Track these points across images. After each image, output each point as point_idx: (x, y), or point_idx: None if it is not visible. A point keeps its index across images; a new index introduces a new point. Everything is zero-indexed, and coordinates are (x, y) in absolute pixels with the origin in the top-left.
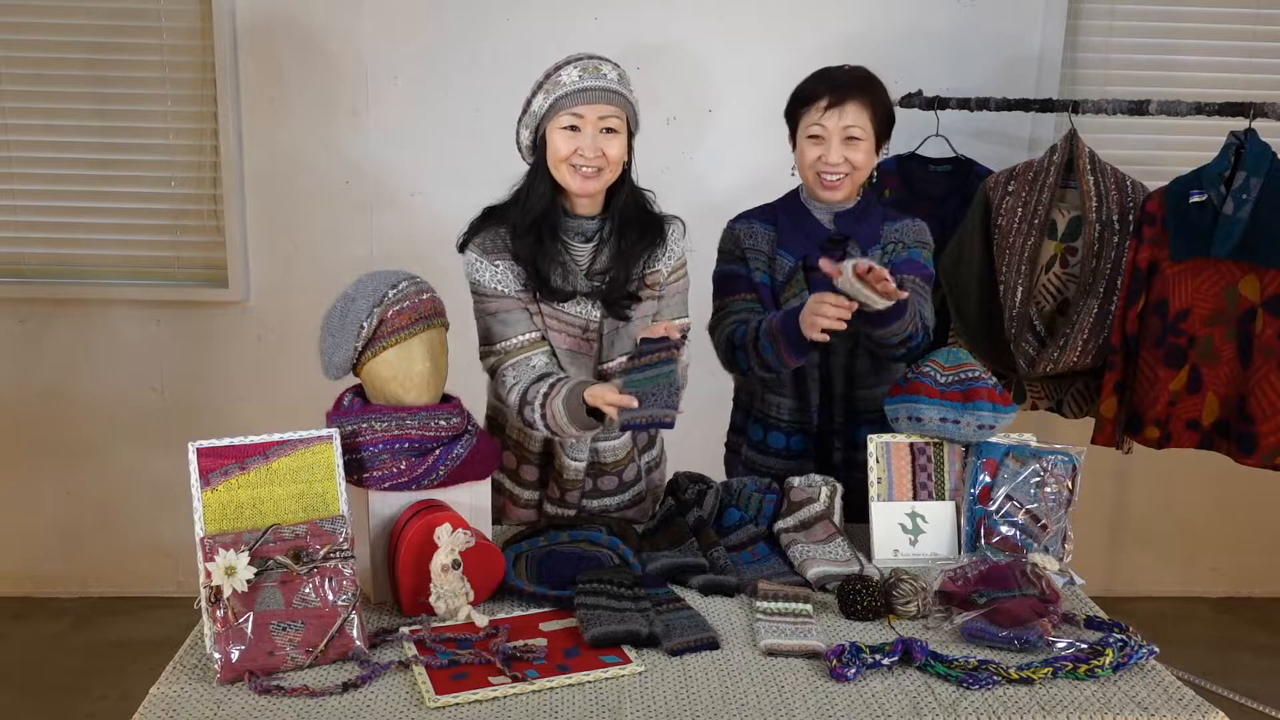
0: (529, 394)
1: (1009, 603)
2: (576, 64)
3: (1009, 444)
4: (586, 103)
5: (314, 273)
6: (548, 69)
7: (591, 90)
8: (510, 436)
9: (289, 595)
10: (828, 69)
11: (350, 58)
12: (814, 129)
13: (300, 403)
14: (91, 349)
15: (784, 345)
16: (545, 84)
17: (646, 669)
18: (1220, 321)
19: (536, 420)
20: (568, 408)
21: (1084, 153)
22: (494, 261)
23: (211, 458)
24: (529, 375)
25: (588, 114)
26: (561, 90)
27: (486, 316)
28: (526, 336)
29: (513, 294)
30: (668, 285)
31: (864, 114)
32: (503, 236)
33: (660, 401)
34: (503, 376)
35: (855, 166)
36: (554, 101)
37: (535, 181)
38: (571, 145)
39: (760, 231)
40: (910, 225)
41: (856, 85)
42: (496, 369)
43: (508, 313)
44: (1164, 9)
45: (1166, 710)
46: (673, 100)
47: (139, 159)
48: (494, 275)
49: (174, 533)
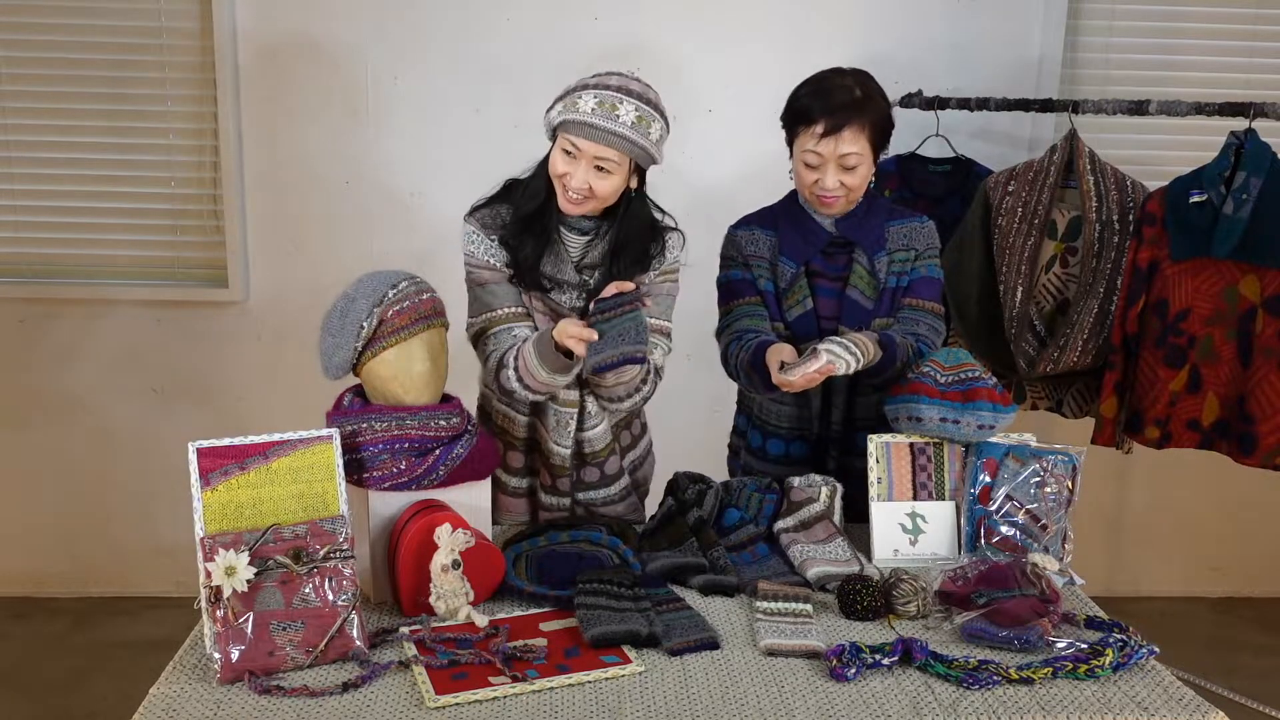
0: (505, 358)
1: (1009, 603)
2: (598, 94)
3: (1009, 444)
4: (587, 139)
5: (314, 273)
6: (578, 81)
7: (596, 130)
8: (495, 422)
9: (289, 595)
10: (826, 80)
11: (351, 58)
12: (809, 155)
13: (300, 403)
14: (91, 349)
15: (759, 381)
16: (566, 98)
17: (646, 669)
18: (1220, 321)
19: (511, 378)
20: (538, 350)
21: (1084, 153)
22: (490, 235)
23: (211, 458)
24: (509, 343)
25: (585, 149)
26: (572, 115)
27: (476, 287)
28: (512, 309)
29: (503, 268)
30: (654, 285)
31: (860, 138)
32: (503, 215)
33: (629, 340)
34: (484, 344)
35: (851, 188)
36: (562, 122)
37: (540, 172)
38: (566, 168)
39: (761, 238)
40: (919, 228)
41: (853, 107)
42: (479, 337)
43: (496, 285)
44: (1164, 9)
45: (1166, 710)
46: (672, 100)
47: (139, 159)
48: (487, 249)
49: (174, 533)
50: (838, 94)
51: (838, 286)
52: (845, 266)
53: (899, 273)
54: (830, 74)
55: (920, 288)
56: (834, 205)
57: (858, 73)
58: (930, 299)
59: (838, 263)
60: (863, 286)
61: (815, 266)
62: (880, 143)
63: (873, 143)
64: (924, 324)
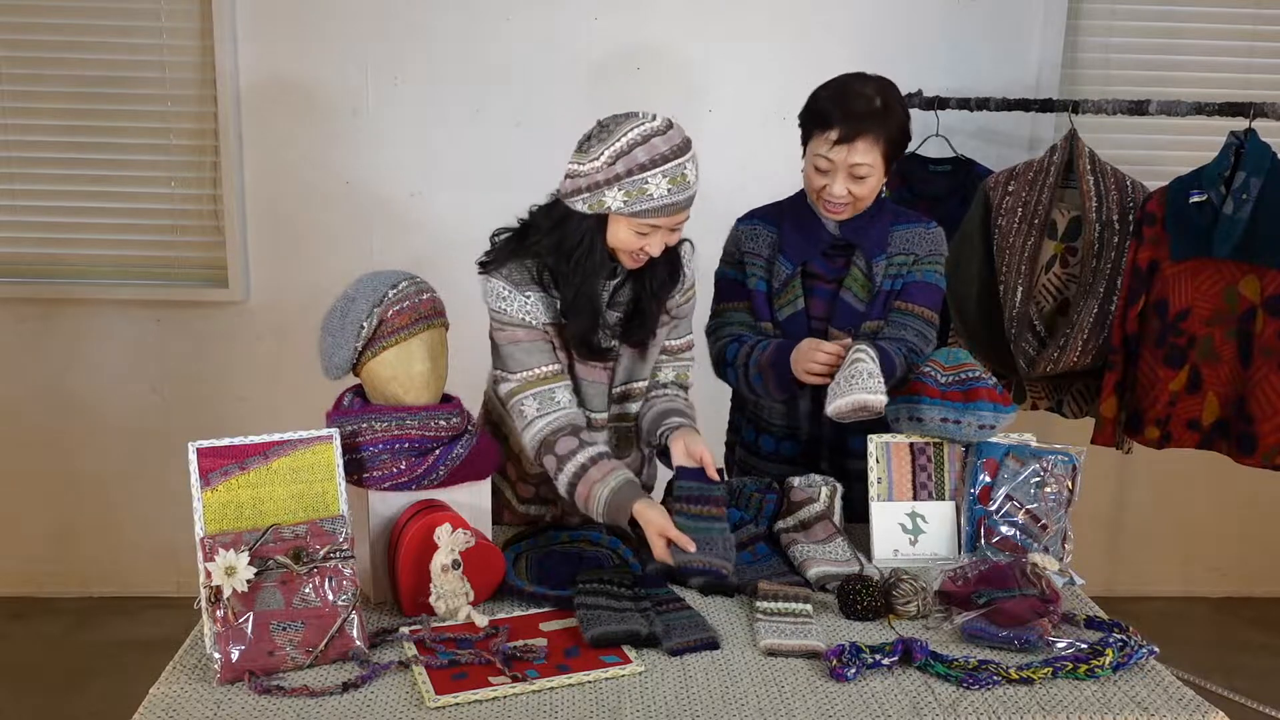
0: (558, 445)
1: (1009, 603)
2: (664, 170)
3: (1009, 444)
4: (668, 216)
5: (314, 273)
6: (635, 162)
7: (677, 205)
8: (511, 449)
9: (289, 595)
10: (847, 86)
11: (351, 58)
12: (820, 160)
13: (300, 403)
14: (91, 349)
15: (773, 380)
16: (626, 180)
17: (646, 669)
18: (1220, 321)
19: (560, 481)
20: (611, 507)
21: (1084, 153)
22: (524, 292)
23: (211, 458)
24: (554, 412)
25: (665, 224)
26: (648, 204)
27: (509, 345)
28: (549, 368)
29: (539, 326)
30: (678, 309)
31: (874, 150)
32: (529, 269)
33: (716, 551)
34: (521, 406)
35: (859, 198)
36: (636, 211)
37: (590, 244)
38: (638, 244)
39: (763, 234)
40: (924, 233)
41: (871, 118)
42: (514, 395)
43: (531, 343)
44: (1164, 9)
45: (1166, 710)
46: (672, 100)
47: (139, 159)
48: (523, 306)
49: (174, 533)
50: (857, 102)
51: (832, 288)
52: (843, 269)
53: (894, 276)
54: (853, 80)
55: (914, 292)
56: (839, 213)
57: (880, 81)
58: (923, 304)
59: (836, 265)
60: (856, 289)
61: (813, 268)
62: (894, 155)
63: (886, 155)
64: (912, 329)
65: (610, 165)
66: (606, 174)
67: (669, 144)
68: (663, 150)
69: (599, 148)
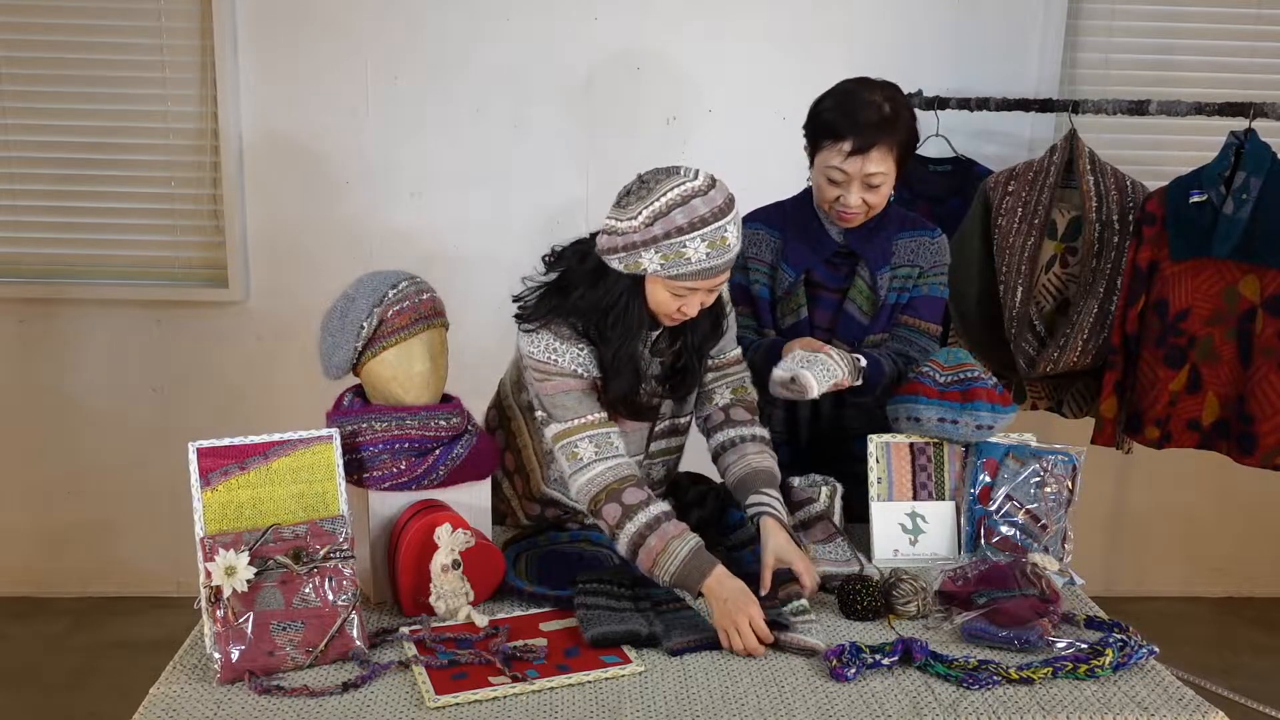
0: (625, 495)
1: (1009, 603)
2: (705, 235)
3: (1009, 444)
4: (707, 279)
5: (314, 273)
6: (673, 224)
7: (716, 269)
8: (524, 465)
9: (289, 595)
10: (854, 95)
11: (351, 57)
12: (833, 172)
13: (300, 403)
14: (91, 349)
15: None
16: (664, 243)
17: (646, 669)
18: (1220, 321)
19: (621, 539)
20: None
21: (1084, 153)
22: (575, 344)
23: (211, 458)
24: (615, 458)
25: (703, 286)
26: (685, 268)
27: (560, 393)
28: (600, 415)
29: (590, 377)
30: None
31: (888, 158)
32: (575, 326)
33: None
34: (575, 448)
35: (873, 205)
36: (673, 275)
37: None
38: (675, 305)
39: (765, 238)
40: (928, 243)
41: (883, 126)
42: (566, 436)
43: (584, 392)
44: (1164, 9)
45: (1166, 710)
46: (673, 100)
47: (138, 159)
48: (575, 358)
49: (174, 533)
50: (867, 111)
51: (836, 298)
52: (846, 278)
53: (900, 289)
54: (858, 88)
55: (921, 306)
56: (854, 221)
57: (886, 86)
58: (929, 319)
59: (839, 273)
60: (861, 301)
61: (816, 276)
62: (906, 158)
63: (899, 160)
64: (916, 346)
65: (648, 226)
66: (644, 235)
67: (709, 206)
68: (702, 213)
69: (637, 205)
